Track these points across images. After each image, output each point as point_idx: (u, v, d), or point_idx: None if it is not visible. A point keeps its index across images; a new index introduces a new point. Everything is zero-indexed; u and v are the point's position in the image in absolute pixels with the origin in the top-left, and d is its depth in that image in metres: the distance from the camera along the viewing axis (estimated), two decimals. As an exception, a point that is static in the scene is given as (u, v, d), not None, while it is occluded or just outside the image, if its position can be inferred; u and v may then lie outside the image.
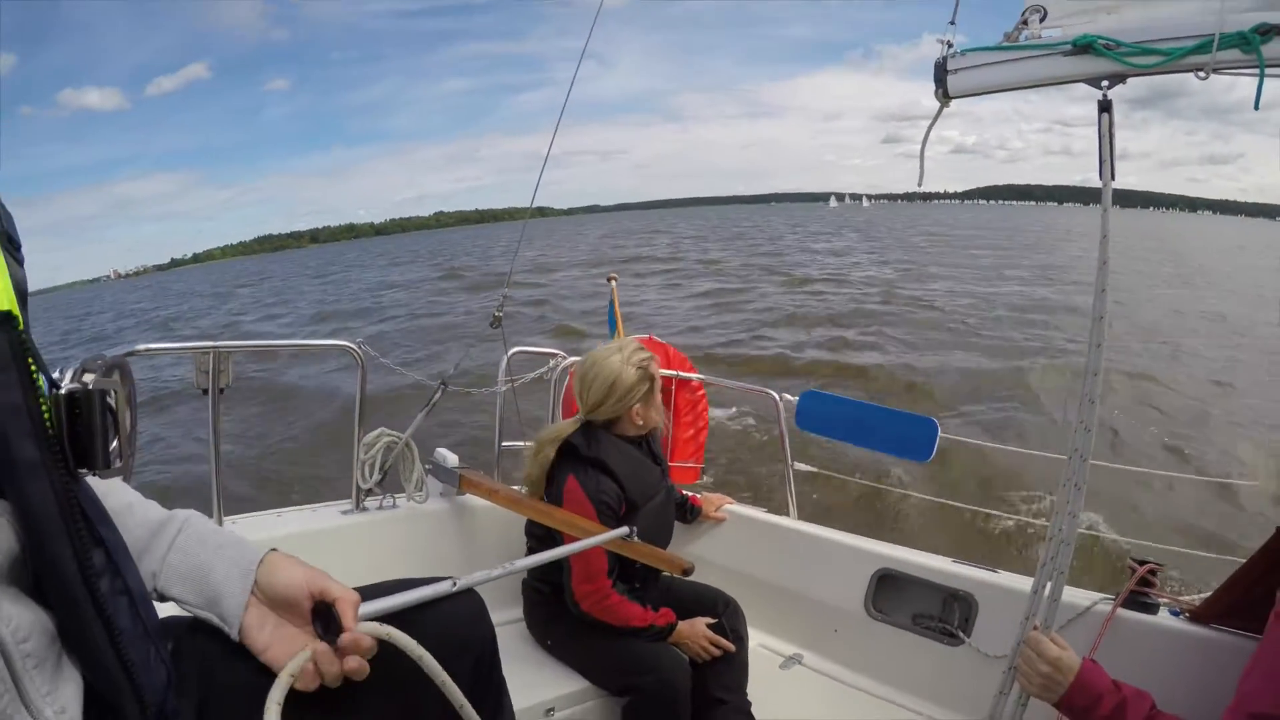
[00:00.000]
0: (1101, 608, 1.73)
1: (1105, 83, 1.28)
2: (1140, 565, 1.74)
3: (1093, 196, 1.33)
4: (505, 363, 2.46)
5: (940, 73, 1.42)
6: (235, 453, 7.24)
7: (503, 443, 2.51)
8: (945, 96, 1.44)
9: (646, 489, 1.98)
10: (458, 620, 0.97)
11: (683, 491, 2.47)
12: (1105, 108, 1.28)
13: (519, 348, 2.62)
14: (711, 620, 1.98)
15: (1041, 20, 1.38)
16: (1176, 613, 1.68)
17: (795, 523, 2.43)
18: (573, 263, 31.21)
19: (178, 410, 8.97)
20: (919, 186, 1.57)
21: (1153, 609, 1.70)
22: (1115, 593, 1.75)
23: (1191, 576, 4.02)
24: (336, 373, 10.52)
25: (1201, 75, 1.19)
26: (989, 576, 2.01)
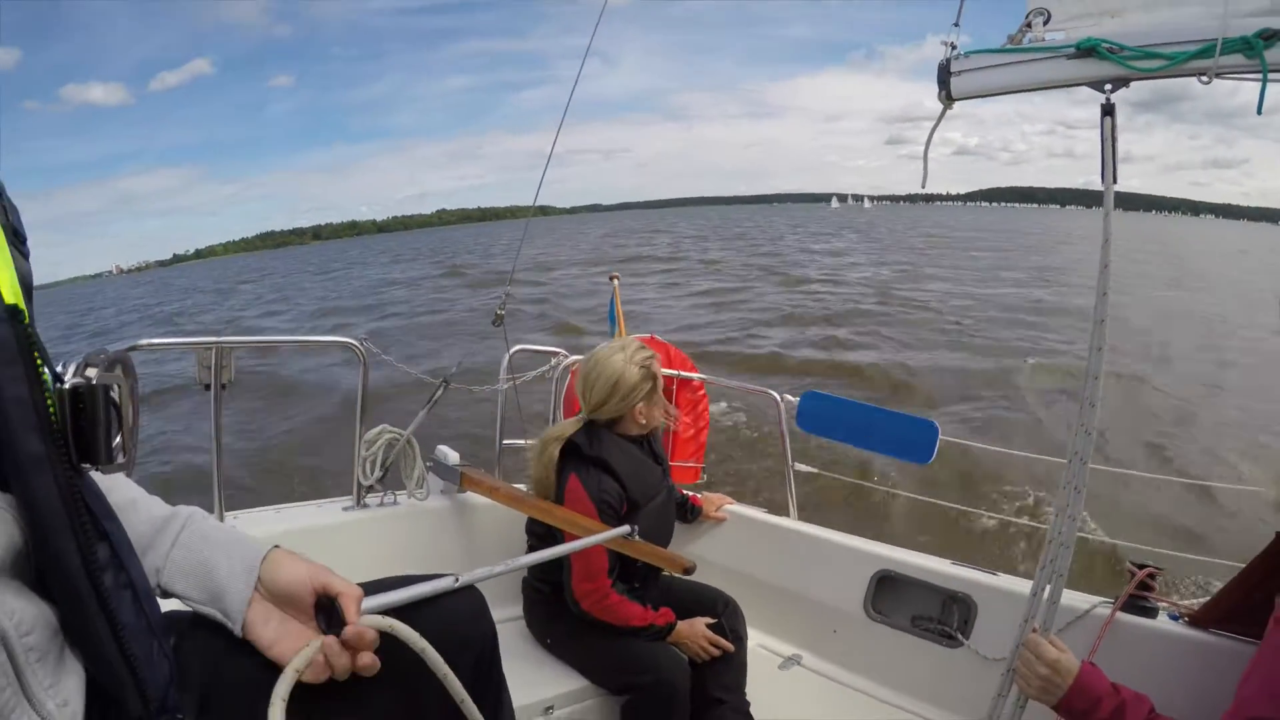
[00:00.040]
0: (1101, 611, 1.73)
1: (1108, 86, 1.29)
2: (1140, 569, 1.73)
3: (1095, 199, 1.33)
4: (507, 361, 2.46)
5: (944, 75, 1.43)
6: (235, 445, 7.25)
7: (504, 440, 2.51)
8: (948, 99, 1.44)
9: (648, 489, 1.97)
10: (459, 617, 0.97)
11: (683, 491, 2.47)
12: (1108, 111, 1.29)
13: (521, 346, 2.62)
14: (711, 620, 1.97)
15: (1045, 23, 1.38)
16: (1176, 617, 1.68)
17: (795, 523, 2.43)
18: (572, 261, 31.21)
19: (176, 404, 8.97)
20: (922, 188, 1.57)
21: (1152, 613, 1.70)
22: (1114, 596, 1.75)
23: (1190, 580, 4.02)
24: (336, 366, 10.56)
25: (1204, 80, 1.19)
26: (988, 579, 2.01)
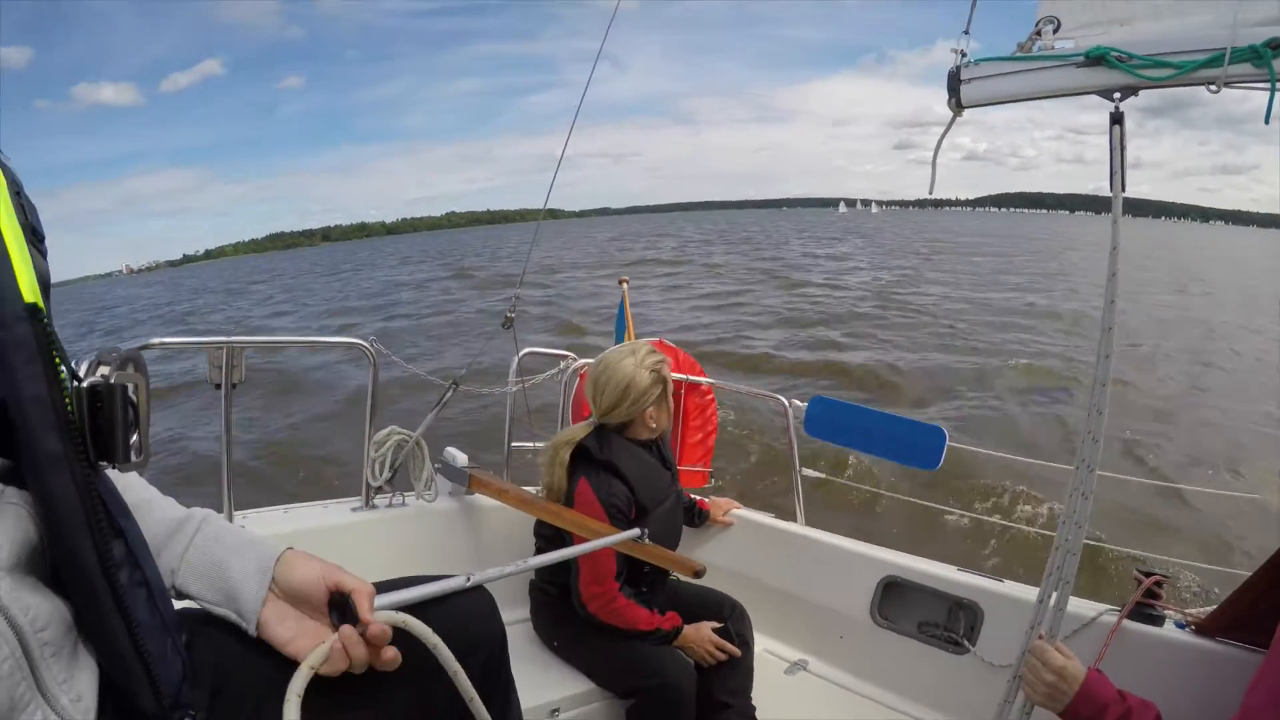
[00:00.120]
0: (1107, 618, 1.72)
1: (1118, 95, 1.28)
2: (1147, 577, 1.73)
3: (1104, 205, 1.33)
4: (516, 364, 2.46)
5: (953, 82, 1.43)
6: (243, 437, 7.34)
7: (512, 443, 2.51)
8: (958, 106, 1.44)
9: (657, 493, 1.97)
10: (469, 617, 0.97)
11: (691, 495, 2.47)
12: (1117, 119, 1.29)
13: (530, 349, 2.62)
14: (717, 625, 1.97)
15: (1055, 31, 1.38)
16: (1182, 625, 1.68)
17: (802, 528, 2.42)
18: (578, 264, 31.25)
19: (184, 402, 9.05)
20: (930, 194, 1.57)
21: (1158, 621, 1.69)
22: (1121, 603, 1.75)
23: (1197, 588, 4.00)
24: (342, 364, 10.68)
25: (1213, 89, 1.19)
26: (995, 586, 2.00)
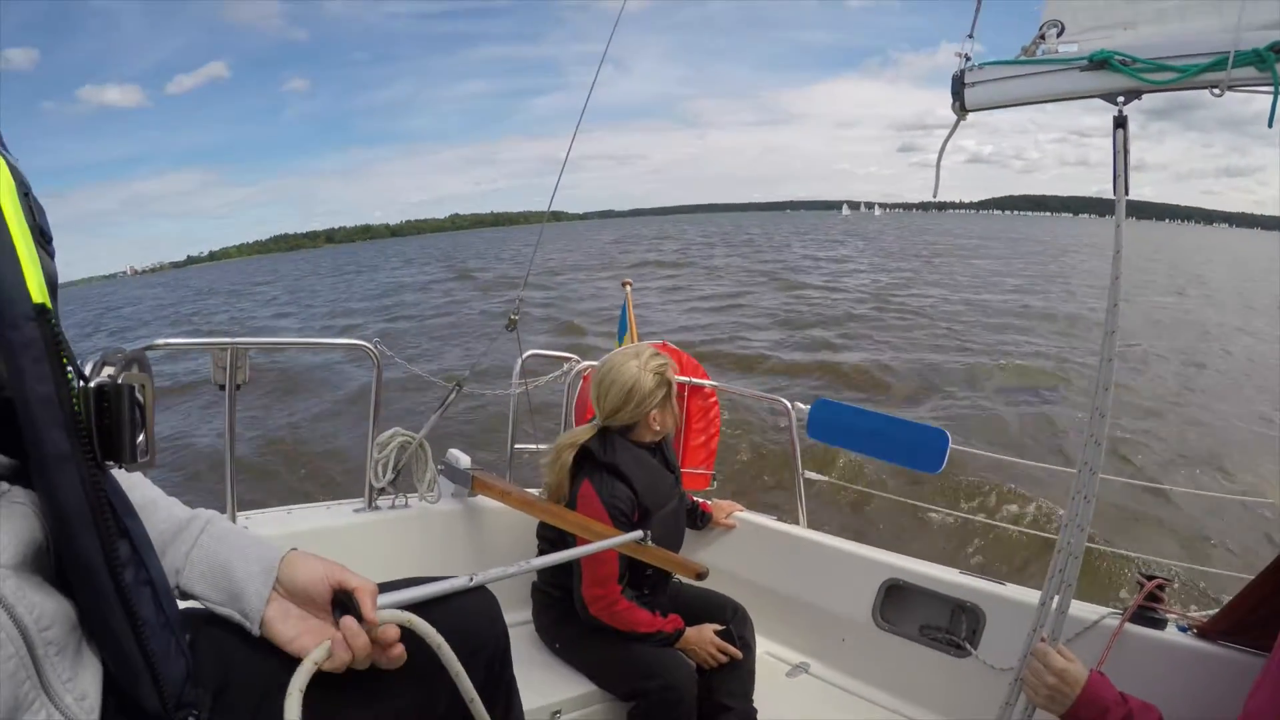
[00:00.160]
0: (1109, 621, 1.72)
1: (1121, 98, 1.29)
2: (1149, 580, 1.73)
3: (1108, 208, 1.33)
4: (519, 366, 2.46)
5: (957, 86, 1.43)
6: (246, 434, 7.36)
7: (515, 445, 2.51)
8: (962, 109, 1.45)
9: (660, 496, 1.97)
10: (472, 617, 0.98)
11: (693, 498, 2.47)
12: (1120, 123, 1.29)
13: (533, 351, 2.62)
14: (719, 627, 1.98)
15: (1059, 35, 1.38)
16: (1184, 628, 1.67)
17: (805, 531, 2.42)
18: (580, 266, 31.27)
19: (188, 402, 9.08)
20: (934, 197, 1.57)
21: (1160, 624, 1.69)
22: (1122, 607, 1.74)
23: (1199, 591, 3.99)
24: (345, 364, 10.70)
25: (1216, 92, 1.19)
26: (997, 589, 2.00)
